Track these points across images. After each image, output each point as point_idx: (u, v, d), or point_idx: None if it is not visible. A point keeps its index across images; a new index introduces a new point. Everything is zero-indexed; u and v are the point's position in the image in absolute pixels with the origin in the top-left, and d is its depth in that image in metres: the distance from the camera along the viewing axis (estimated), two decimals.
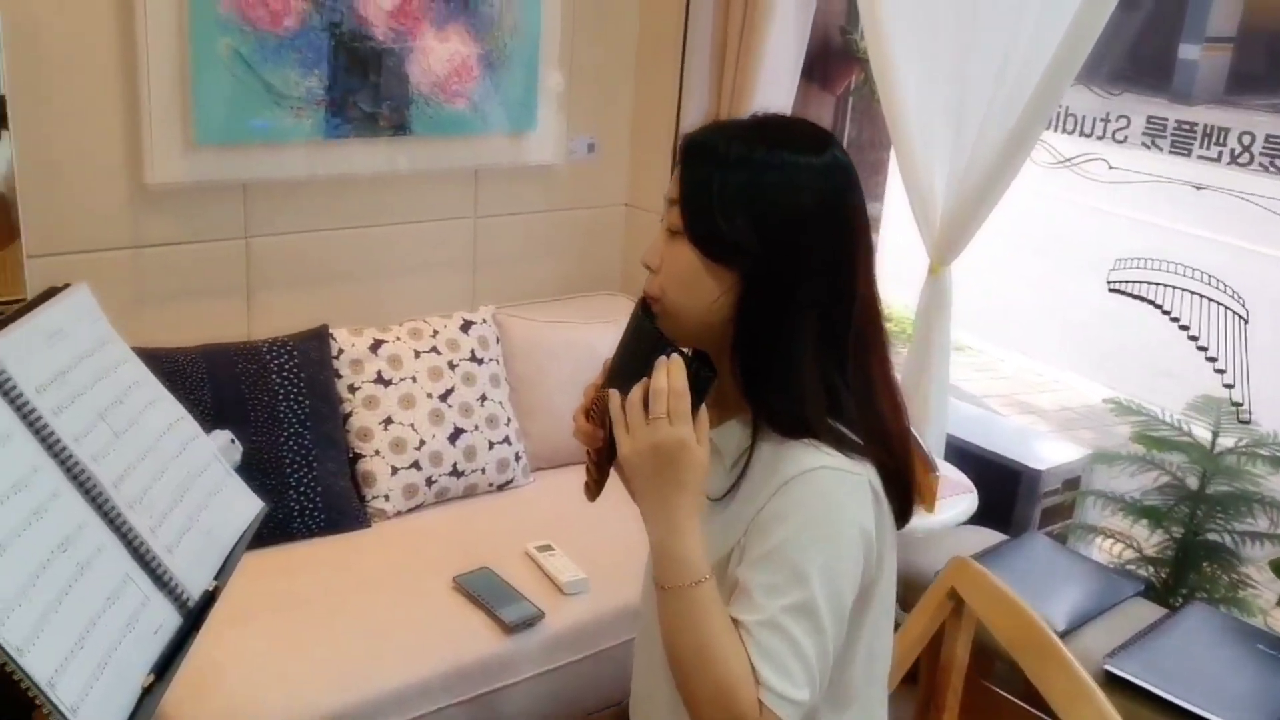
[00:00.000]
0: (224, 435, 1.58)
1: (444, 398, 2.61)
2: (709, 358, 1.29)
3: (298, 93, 2.47)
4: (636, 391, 1.21)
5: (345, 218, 2.68)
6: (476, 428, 2.63)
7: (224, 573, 1.40)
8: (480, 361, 2.69)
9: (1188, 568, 2.69)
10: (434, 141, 2.71)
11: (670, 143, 3.03)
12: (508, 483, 2.70)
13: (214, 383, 2.34)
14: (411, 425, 2.56)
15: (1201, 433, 2.68)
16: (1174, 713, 2.05)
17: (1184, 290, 2.43)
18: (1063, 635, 2.29)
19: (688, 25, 2.95)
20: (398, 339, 2.62)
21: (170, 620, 1.29)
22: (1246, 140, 2.71)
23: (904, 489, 1.30)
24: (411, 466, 2.54)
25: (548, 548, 2.41)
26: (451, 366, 2.64)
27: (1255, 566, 2.64)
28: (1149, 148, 2.72)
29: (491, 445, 2.65)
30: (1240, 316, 2.37)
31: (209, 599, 1.34)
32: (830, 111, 3.25)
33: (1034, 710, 2.23)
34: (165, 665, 1.23)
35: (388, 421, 2.54)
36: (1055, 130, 2.75)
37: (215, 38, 2.34)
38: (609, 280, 3.22)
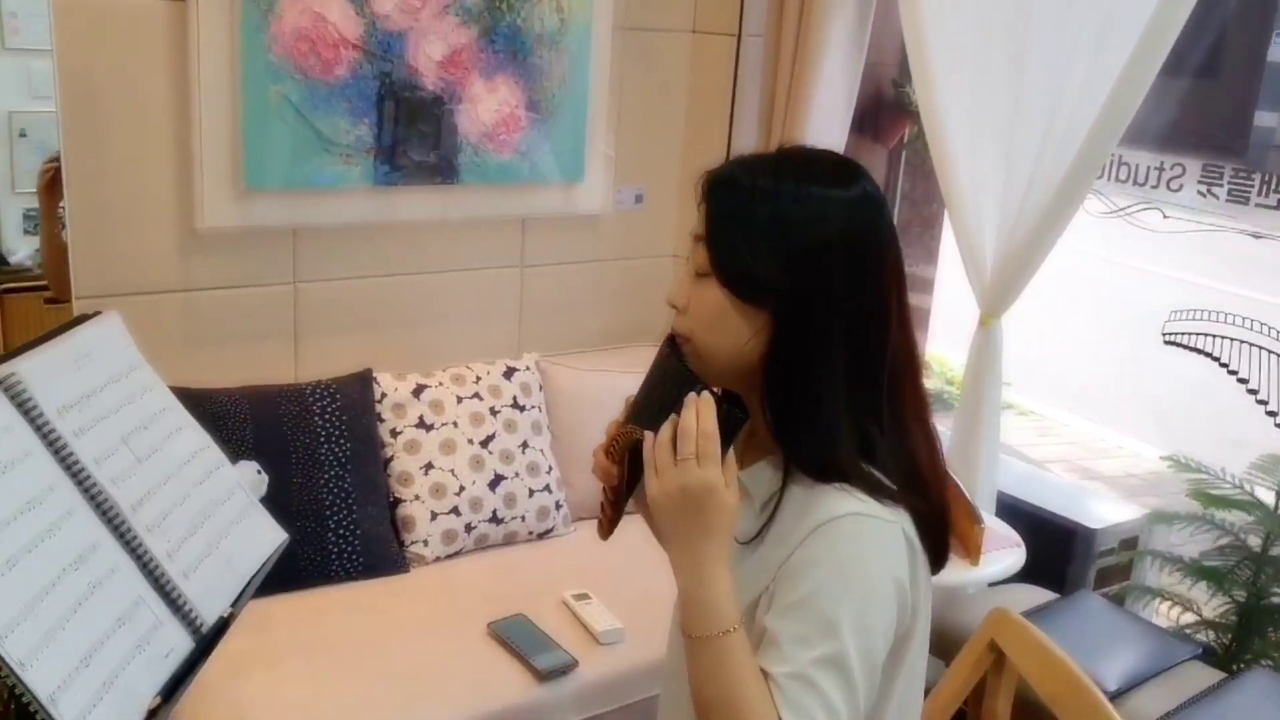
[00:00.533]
0: (251, 466, 1.58)
1: (485, 444, 2.60)
2: (739, 398, 1.25)
3: (347, 140, 2.51)
4: (666, 430, 1.17)
5: (393, 264, 2.71)
6: (517, 475, 2.62)
7: (240, 600, 1.39)
8: (522, 409, 2.68)
9: (1251, 633, 2.58)
10: (482, 190, 2.73)
11: None
12: (548, 531, 2.68)
13: (256, 424, 2.36)
14: (452, 471, 2.55)
15: (1266, 494, 2.58)
16: None
17: (1241, 341, 2.36)
18: (1113, 697, 2.20)
19: (737, 77, 2.96)
20: (440, 384, 2.63)
21: (182, 644, 1.28)
22: None
23: (939, 535, 1.24)
24: (451, 512, 2.53)
25: (585, 596, 2.38)
26: (493, 413, 2.64)
27: None
28: (1204, 195, 2.65)
29: (532, 493, 2.63)
30: None
31: (223, 625, 1.33)
32: (883, 164, 3.24)
33: None
34: (173, 688, 1.22)
35: (428, 466, 2.54)
36: (1108, 179, 2.70)
37: (267, 85, 2.38)
38: (654, 330, 3.20)
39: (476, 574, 2.51)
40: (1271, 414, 2.28)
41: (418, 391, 2.59)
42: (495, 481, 2.59)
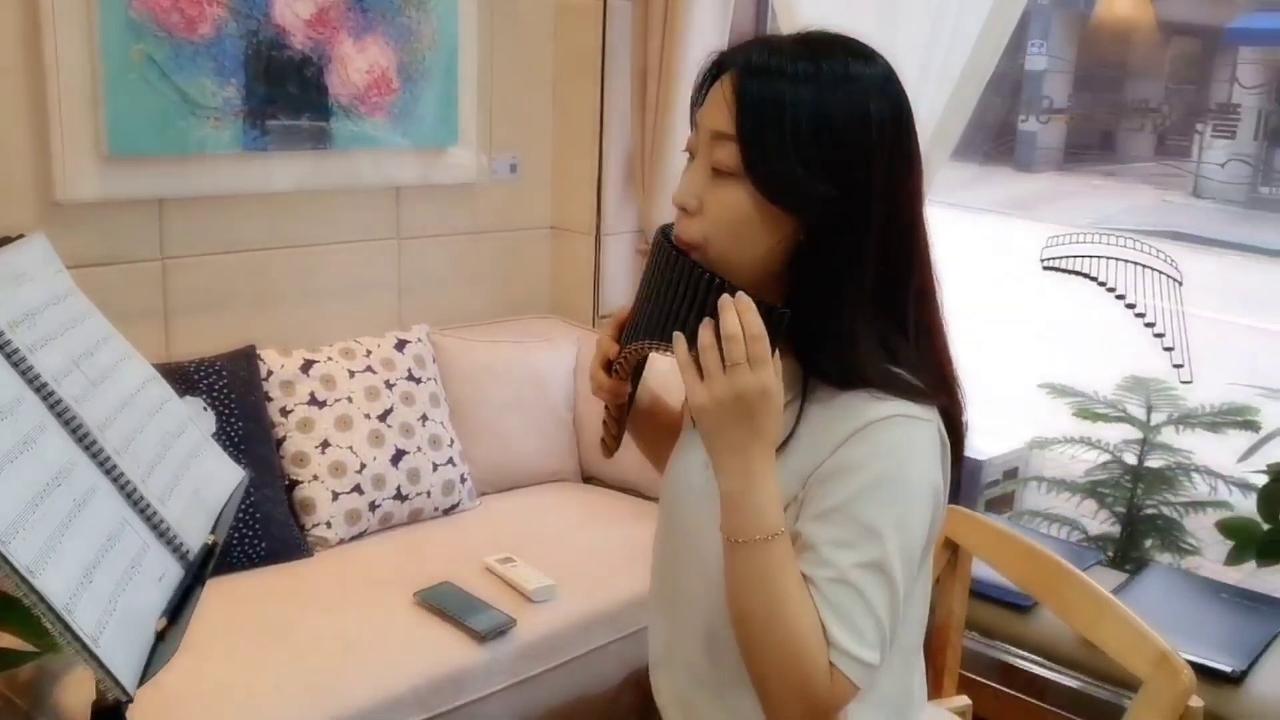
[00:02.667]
0: (196, 402, 1.46)
1: (383, 418, 2.48)
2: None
3: (215, 103, 2.36)
4: (707, 335, 1.09)
5: (265, 237, 2.56)
6: (419, 449, 2.51)
7: (219, 529, 1.27)
8: (418, 381, 2.58)
9: (1134, 542, 2.72)
10: (355, 155, 2.62)
11: (594, 165, 3.00)
12: (453, 506, 2.57)
13: None
14: (350, 448, 2.42)
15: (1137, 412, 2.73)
16: None
17: (1118, 260, 2.49)
18: (1036, 604, 2.28)
19: (605, 47, 2.94)
20: (329, 359, 2.49)
21: (172, 570, 1.16)
22: None
23: (960, 435, 1.22)
24: (353, 491, 2.40)
25: (509, 560, 2.30)
26: (389, 386, 2.52)
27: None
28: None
29: (436, 467, 2.53)
30: (1175, 280, 2.43)
31: (208, 552, 1.21)
32: None
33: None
34: (175, 612, 1.10)
35: (325, 444, 2.40)
36: None
37: (128, 44, 2.22)
38: (537, 304, 3.15)
39: (387, 552, 2.39)
40: (1150, 325, 2.41)
41: (306, 367, 2.46)
42: (397, 457, 2.47)
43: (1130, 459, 2.72)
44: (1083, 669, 2.21)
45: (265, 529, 2.27)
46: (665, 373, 1.36)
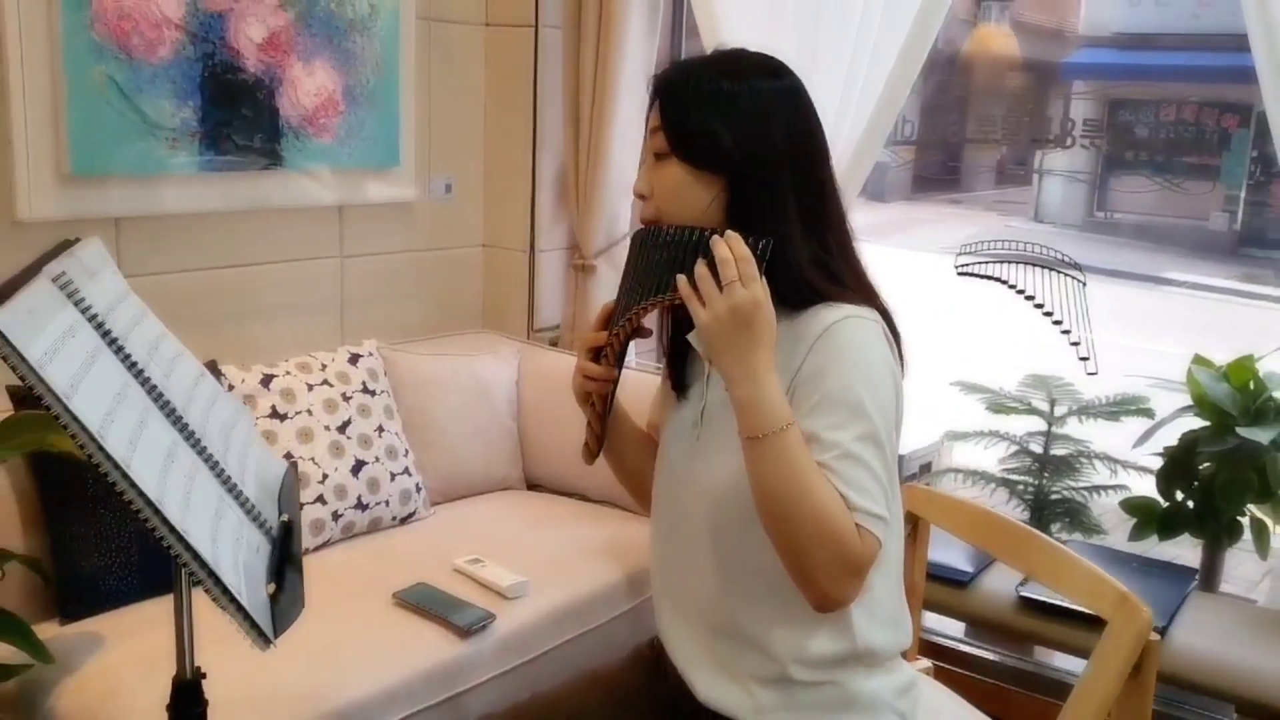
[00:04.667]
0: (236, 400, 1.52)
1: (342, 429, 2.54)
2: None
3: (173, 124, 2.40)
4: (703, 267, 1.31)
5: (216, 256, 2.60)
6: (377, 459, 2.57)
7: (286, 509, 1.34)
8: (372, 393, 2.64)
9: (1044, 525, 2.94)
10: (303, 175, 2.68)
11: (528, 185, 3.12)
12: (410, 515, 2.64)
13: None
14: (313, 459, 2.47)
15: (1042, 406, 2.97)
16: (1088, 621, 2.24)
17: (1028, 264, 2.72)
18: (974, 577, 2.47)
19: (537, 73, 3.07)
20: (288, 373, 2.54)
21: (263, 544, 1.23)
22: None
23: (897, 331, 1.46)
24: (316, 501, 2.45)
25: (478, 560, 2.38)
26: (345, 398, 2.58)
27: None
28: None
29: (393, 476, 2.59)
30: (1079, 281, 2.67)
31: (286, 530, 1.29)
32: None
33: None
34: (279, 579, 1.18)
35: (287, 457, 2.45)
36: None
37: (90, 65, 2.25)
38: (471, 320, 3.23)
39: (355, 559, 2.44)
40: (1058, 323, 2.64)
41: (266, 381, 2.50)
42: (357, 467, 2.53)
43: (1036, 448, 2.95)
44: (1022, 636, 2.41)
45: None
46: (628, 389, 1.66)
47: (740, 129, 1.39)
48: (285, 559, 1.23)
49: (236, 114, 2.52)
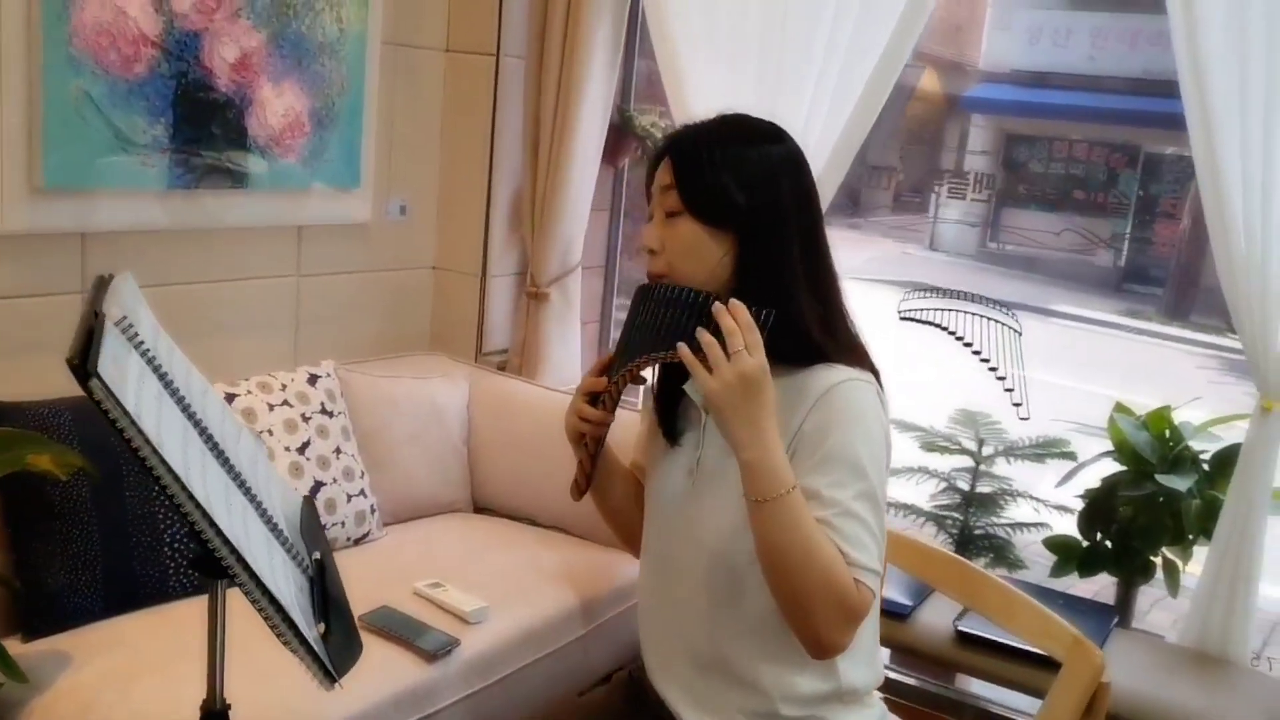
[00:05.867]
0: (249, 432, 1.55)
1: (301, 450, 2.56)
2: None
3: (145, 140, 2.40)
4: (706, 334, 1.38)
5: (181, 272, 2.60)
6: (335, 480, 2.59)
7: (316, 546, 1.38)
8: (331, 414, 2.66)
9: (969, 559, 3.09)
10: (268, 194, 2.70)
11: (482, 210, 3.16)
12: (364, 536, 2.66)
13: (82, 438, 2.19)
14: None
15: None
16: (1023, 656, 2.38)
17: (966, 313, 2.87)
18: (913, 610, 2.59)
19: (497, 99, 3.12)
20: (249, 392, 2.55)
21: (303, 583, 1.27)
22: None
23: (885, 394, 1.56)
24: None
25: (438, 584, 2.42)
26: (305, 419, 2.60)
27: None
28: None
29: (350, 498, 2.62)
30: (1015, 330, 2.83)
31: (320, 568, 1.33)
32: (609, 182, 3.51)
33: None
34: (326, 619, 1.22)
35: None
36: None
37: (68, 80, 2.24)
38: (419, 341, 3.26)
39: None
40: (994, 369, 2.79)
41: (228, 400, 2.50)
42: (316, 488, 2.55)
43: (964, 485, 3.10)
44: (959, 669, 2.54)
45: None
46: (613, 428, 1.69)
47: (751, 188, 1.47)
48: (325, 597, 1.27)
49: (207, 132, 2.52)
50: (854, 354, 1.51)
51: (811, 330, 1.47)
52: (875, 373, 1.54)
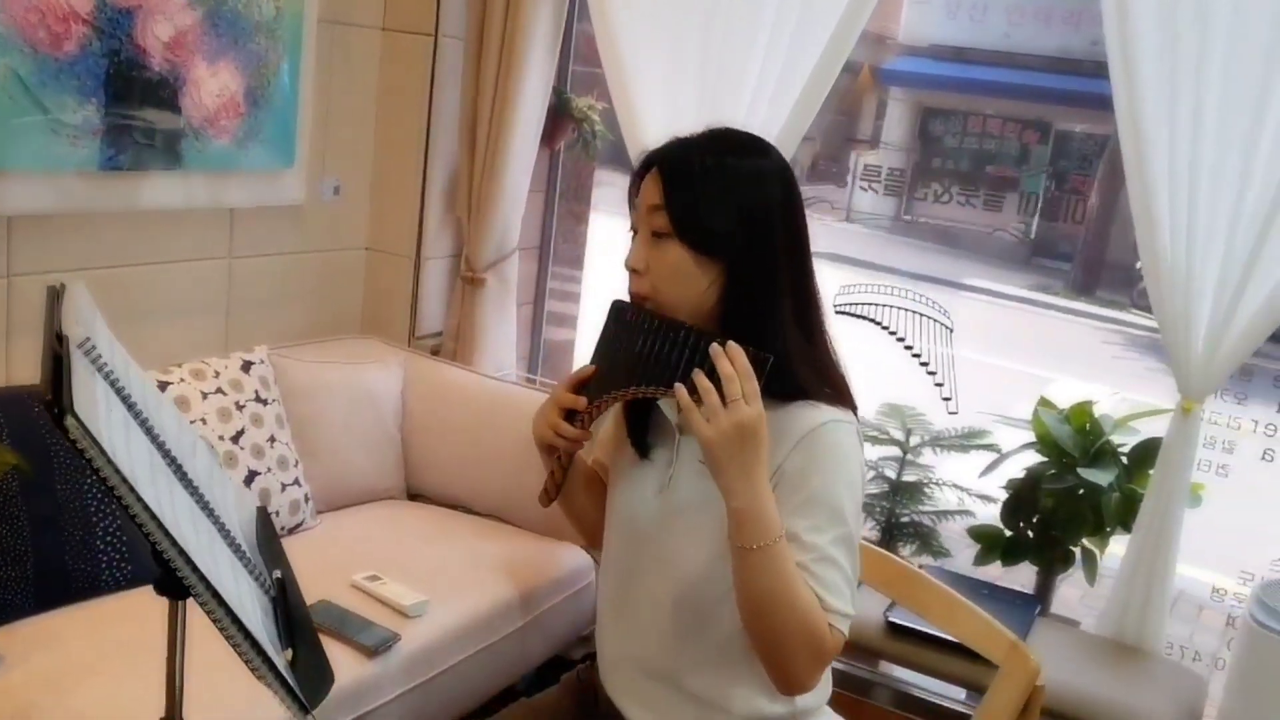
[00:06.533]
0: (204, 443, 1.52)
1: (236, 440, 2.52)
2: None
3: (75, 120, 2.33)
4: (704, 378, 1.34)
5: (112, 256, 2.53)
6: (269, 470, 2.56)
7: (275, 562, 1.37)
8: (265, 402, 2.62)
9: (894, 547, 3.17)
10: (201, 176, 2.63)
11: (417, 191, 3.12)
12: (298, 525, 2.64)
13: (11, 428, 2.13)
14: None
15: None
16: (950, 647, 2.44)
17: (900, 309, 2.92)
18: None
19: (434, 79, 3.07)
20: (182, 380, 2.50)
21: (267, 606, 1.26)
22: None
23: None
24: None
25: (376, 577, 2.41)
26: (239, 408, 2.56)
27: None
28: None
29: (284, 487, 2.59)
30: (947, 327, 2.89)
31: (281, 586, 1.32)
32: (545, 164, 3.49)
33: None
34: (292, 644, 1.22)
35: None
36: None
37: None
38: (350, 324, 3.22)
39: None
40: (925, 363, 2.85)
41: (161, 389, 2.45)
42: (250, 478, 2.51)
43: (891, 474, 3.17)
44: (889, 658, 2.60)
45: (132, 551, 2.26)
46: None
47: (743, 214, 1.43)
48: (290, 619, 1.26)
49: (139, 113, 2.45)
50: (836, 391, 1.49)
51: (796, 367, 1.44)
52: (855, 409, 1.52)
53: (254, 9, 2.64)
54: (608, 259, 2.85)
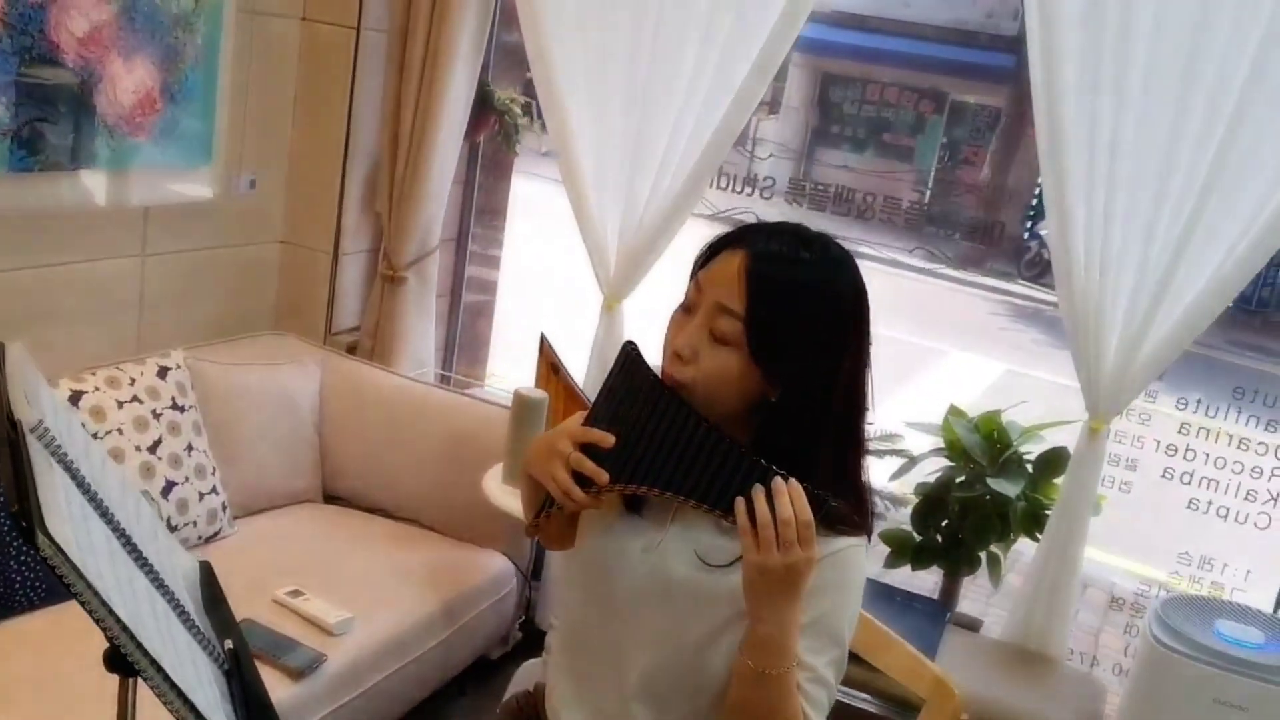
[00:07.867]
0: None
1: (153, 450, 2.46)
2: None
3: None
4: (765, 512, 1.28)
5: (21, 258, 2.44)
6: (187, 479, 2.51)
7: (225, 630, 1.36)
8: (182, 409, 2.56)
9: None
10: (117, 175, 2.55)
11: (335, 186, 3.06)
12: (215, 534, 2.60)
13: None
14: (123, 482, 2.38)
15: None
16: (865, 663, 2.52)
17: None
18: None
19: (355, 74, 3.01)
20: (97, 389, 2.43)
21: (221, 682, 1.25)
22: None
23: None
24: None
25: (298, 593, 2.39)
26: (156, 416, 2.49)
27: None
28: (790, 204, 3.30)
29: (202, 496, 2.54)
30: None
31: (235, 658, 1.31)
32: (465, 156, 3.44)
33: None
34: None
35: None
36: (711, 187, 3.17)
37: None
38: (265, 319, 3.16)
39: None
40: None
41: (75, 398, 2.38)
42: (168, 488, 2.46)
43: None
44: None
45: (45, 569, 2.21)
46: None
47: (819, 355, 1.35)
48: (245, 693, 1.25)
49: (52, 111, 2.36)
50: (857, 515, 1.45)
51: (827, 503, 1.37)
52: (870, 532, 1.50)
53: (171, 3, 2.55)
54: (528, 220, 2.73)
